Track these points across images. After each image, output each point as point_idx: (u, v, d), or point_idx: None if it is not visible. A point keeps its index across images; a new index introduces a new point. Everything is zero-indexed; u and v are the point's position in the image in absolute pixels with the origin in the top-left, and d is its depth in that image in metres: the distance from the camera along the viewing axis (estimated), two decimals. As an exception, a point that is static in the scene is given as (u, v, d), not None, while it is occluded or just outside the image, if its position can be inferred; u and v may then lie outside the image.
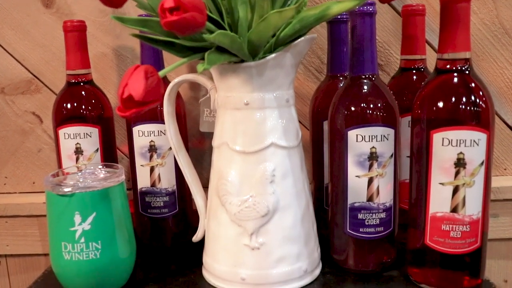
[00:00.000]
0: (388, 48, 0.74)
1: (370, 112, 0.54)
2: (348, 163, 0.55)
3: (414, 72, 0.64)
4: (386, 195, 0.55)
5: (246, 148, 0.52)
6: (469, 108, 0.49)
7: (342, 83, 0.59)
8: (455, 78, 0.50)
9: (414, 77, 0.64)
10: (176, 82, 0.57)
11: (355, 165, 0.54)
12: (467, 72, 0.50)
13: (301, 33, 0.50)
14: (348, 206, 0.56)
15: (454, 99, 0.49)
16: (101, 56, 0.75)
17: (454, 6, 0.48)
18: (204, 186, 0.61)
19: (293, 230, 0.54)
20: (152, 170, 0.65)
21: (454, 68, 0.50)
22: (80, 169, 0.59)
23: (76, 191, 0.52)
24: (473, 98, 0.49)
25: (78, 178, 0.56)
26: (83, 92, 0.67)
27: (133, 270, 0.58)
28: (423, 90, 0.52)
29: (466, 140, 0.49)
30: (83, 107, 0.66)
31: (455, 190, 0.50)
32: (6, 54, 0.76)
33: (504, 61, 0.73)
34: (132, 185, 0.67)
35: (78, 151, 0.66)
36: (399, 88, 0.63)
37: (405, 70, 0.65)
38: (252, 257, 0.53)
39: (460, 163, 0.49)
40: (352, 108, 0.54)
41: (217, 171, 0.55)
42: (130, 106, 0.38)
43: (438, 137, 0.50)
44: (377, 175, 0.54)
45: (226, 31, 0.44)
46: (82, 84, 0.67)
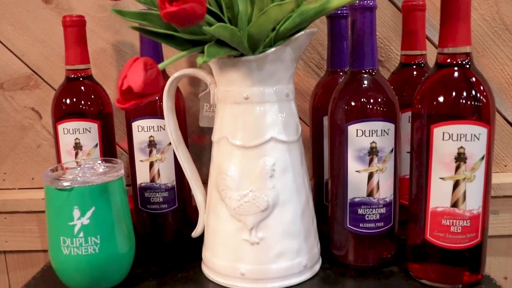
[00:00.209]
0: (388, 44, 0.74)
1: (370, 106, 0.54)
2: (348, 158, 0.54)
3: (414, 68, 0.64)
4: (386, 190, 0.55)
5: (246, 142, 0.52)
6: (469, 102, 0.49)
7: (342, 79, 0.59)
8: (456, 72, 0.50)
9: (414, 72, 0.64)
10: (175, 76, 0.56)
11: (355, 160, 0.54)
12: (468, 66, 0.49)
13: (301, 26, 0.50)
14: (348, 201, 0.55)
15: (454, 93, 0.49)
16: (100, 52, 0.75)
17: (455, -1, 0.48)
18: (203, 182, 0.60)
19: (293, 225, 0.53)
20: (151, 165, 0.65)
21: (455, 62, 0.49)
22: (79, 164, 0.59)
23: (75, 186, 0.51)
24: (473, 92, 0.49)
25: (77, 173, 0.56)
26: (83, 87, 0.66)
27: (132, 266, 0.58)
28: (423, 84, 0.51)
29: (466, 134, 0.48)
30: (83, 102, 0.66)
31: (456, 185, 0.50)
32: (5, 50, 0.76)
33: (505, 57, 0.73)
34: (131, 180, 0.67)
35: (77, 147, 0.65)
36: (399, 83, 0.63)
37: (405, 66, 0.64)
38: (251, 252, 0.53)
39: (460, 158, 0.49)
40: (352, 103, 0.54)
41: (216, 166, 0.55)
42: (129, 98, 0.38)
43: (438, 131, 0.49)
44: (377, 170, 0.54)
45: (226, 24, 0.44)
46: (81, 79, 0.66)
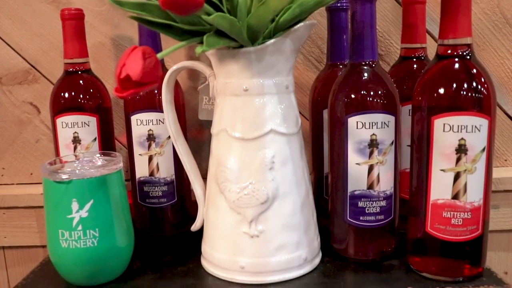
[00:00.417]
0: (389, 38, 0.73)
1: (371, 98, 0.53)
2: (348, 150, 0.54)
3: (415, 61, 0.63)
4: (386, 183, 0.55)
5: (245, 134, 0.52)
6: (470, 94, 0.48)
7: (342, 72, 0.59)
8: (456, 64, 0.49)
9: (415, 65, 0.63)
10: (174, 69, 0.56)
11: (355, 152, 0.54)
12: (469, 58, 0.49)
13: (301, 17, 0.49)
14: (348, 194, 0.55)
15: (455, 85, 0.49)
16: (99, 46, 0.75)
17: (456, -10, 0.48)
18: (203, 177, 0.60)
19: (292, 217, 0.53)
20: (150, 159, 0.64)
21: (456, 54, 0.49)
22: (78, 157, 0.58)
23: (74, 178, 0.51)
24: (474, 83, 0.48)
25: (76, 165, 0.56)
26: (81, 81, 0.66)
27: (131, 260, 0.57)
28: (424, 76, 0.51)
29: (467, 126, 0.48)
30: (81, 96, 0.65)
31: (456, 177, 0.49)
32: (3, 44, 0.75)
33: (505, 51, 0.73)
34: (130, 175, 0.67)
35: (76, 140, 0.65)
36: (399, 76, 0.63)
37: (405, 59, 0.64)
38: (251, 245, 0.53)
39: (461, 149, 0.49)
40: (352, 95, 0.54)
41: (216, 159, 0.54)
42: (128, 86, 0.38)
43: (439, 123, 0.49)
44: (377, 163, 0.54)
45: (225, 14, 0.43)
46: (80, 72, 0.66)
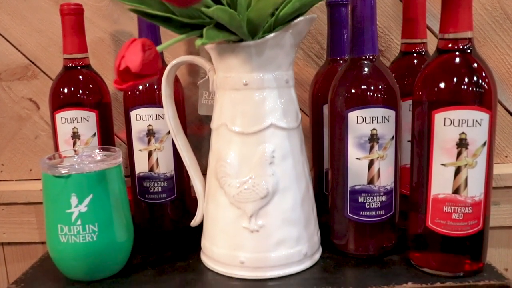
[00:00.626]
0: (389, 33, 0.73)
1: (371, 93, 0.53)
2: (349, 145, 0.54)
3: (415, 56, 0.63)
4: (387, 178, 0.55)
5: (245, 129, 0.51)
6: (471, 88, 0.48)
7: (342, 67, 0.58)
8: (457, 58, 0.49)
9: (415, 60, 0.63)
10: (174, 63, 0.56)
11: (355, 147, 0.54)
12: (469, 52, 0.49)
13: (301, 11, 0.49)
14: (349, 189, 0.55)
15: (456, 79, 0.48)
16: (98, 42, 0.75)
17: (457, -17, 0.47)
18: (202, 173, 0.60)
19: (292, 212, 0.53)
20: (150, 154, 0.64)
21: (456, 48, 0.49)
22: (77, 152, 0.58)
23: (73, 173, 0.51)
24: (475, 77, 0.48)
25: (75, 160, 0.56)
26: (80, 77, 0.66)
27: (130, 255, 0.57)
28: (424, 70, 0.51)
29: (468, 120, 0.48)
30: (81, 92, 0.65)
31: (457, 171, 0.49)
32: (2, 40, 0.75)
33: (506, 47, 0.73)
34: (130, 170, 0.67)
35: (75, 136, 0.65)
36: (400, 72, 0.63)
37: (405, 54, 0.64)
38: (251, 240, 0.52)
39: (462, 144, 0.48)
40: (353, 90, 0.54)
41: (215, 153, 0.54)
42: (127, 78, 0.38)
43: (439, 117, 0.49)
44: (378, 158, 0.54)
45: (225, 6, 0.43)
46: (79, 68, 0.66)
